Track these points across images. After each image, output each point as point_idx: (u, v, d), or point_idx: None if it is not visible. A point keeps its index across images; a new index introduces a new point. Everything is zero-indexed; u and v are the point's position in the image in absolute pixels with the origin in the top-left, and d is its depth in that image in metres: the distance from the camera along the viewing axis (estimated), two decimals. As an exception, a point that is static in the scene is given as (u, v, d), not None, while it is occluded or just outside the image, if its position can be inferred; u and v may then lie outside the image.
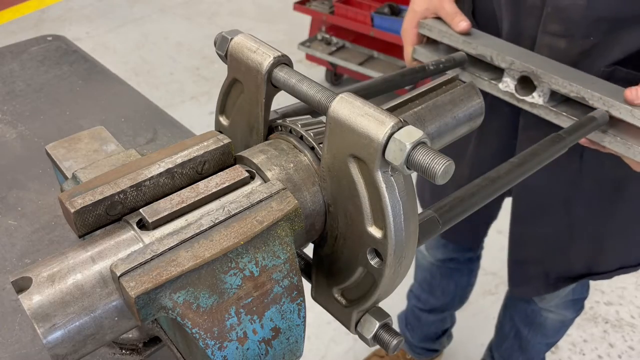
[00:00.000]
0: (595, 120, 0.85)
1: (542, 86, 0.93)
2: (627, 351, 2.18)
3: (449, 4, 1.03)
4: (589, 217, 1.21)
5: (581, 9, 0.93)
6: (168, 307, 0.42)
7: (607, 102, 0.86)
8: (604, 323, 2.28)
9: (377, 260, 0.52)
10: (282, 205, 0.48)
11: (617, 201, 1.16)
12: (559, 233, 1.26)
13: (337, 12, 3.24)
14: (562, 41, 0.98)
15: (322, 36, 3.44)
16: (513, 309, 1.69)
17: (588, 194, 1.17)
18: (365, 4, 3.23)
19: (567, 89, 0.90)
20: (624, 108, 0.85)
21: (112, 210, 0.47)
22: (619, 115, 0.85)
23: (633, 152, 0.87)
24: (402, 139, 0.44)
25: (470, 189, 0.67)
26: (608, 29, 0.94)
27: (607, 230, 1.22)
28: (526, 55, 0.97)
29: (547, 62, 0.96)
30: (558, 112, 0.93)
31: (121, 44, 4.07)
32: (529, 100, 0.95)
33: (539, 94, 0.94)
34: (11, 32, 4.10)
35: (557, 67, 0.94)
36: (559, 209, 1.22)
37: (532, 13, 1.00)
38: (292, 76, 0.56)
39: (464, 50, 1.01)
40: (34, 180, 0.88)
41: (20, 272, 0.43)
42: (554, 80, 0.91)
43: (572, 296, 1.50)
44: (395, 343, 0.54)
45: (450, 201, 0.65)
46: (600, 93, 0.87)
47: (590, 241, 1.25)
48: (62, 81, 1.12)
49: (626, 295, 2.39)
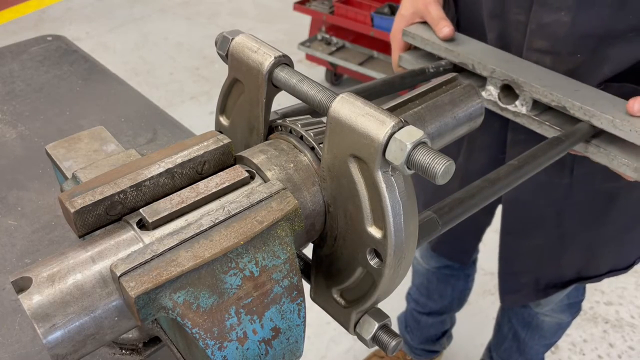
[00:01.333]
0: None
1: (524, 95, 0.90)
2: (627, 351, 2.18)
3: (435, 9, 1.01)
4: (580, 228, 1.20)
5: (565, 26, 0.90)
6: (168, 307, 0.42)
7: (587, 112, 0.83)
8: (604, 323, 2.28)
9: (377, 261, 0.52)
10: (282, 205, 0.48)
11: (609, 211, 1.15)
12: (550, 244, 1.25)
13: (337, 12, 3.24)
14: (548, 58, 0.95)
15: (322, 36, 3.44)
16: (510, 311, 1.69)
17: (580, 207, 1.16)
18: (365, 4, 3.23)
19: (548, 98, 0.87)
20: (605, 118, 0.81)
21: (112, 210, 0.47)
22: (600, 125, 0.82)
23: (617, 164, 0.84)
24: (403, 139, 0.44)
25: (470, 191, 0.67)
26: (595, 46, 0.91)
27: (599, 238, 1.21)
28: (510, 62, 0.95)
29: (532, 69, 0.93)
30: (541, 122, 0.90)
31: (121, 44, 4.07)
32: (512, 109, 0.93)
33: (522, 103, 0.91)
34: (11, 32, 4.10)
35: (542, 75, 0.91)
36: (551, 222, 1.21)
37: (517, 28, 0.98)
38: (293, 76, 0.56)
39: (447, 57, 0.99)
40: (34, 180, 0.88)
41: (20, 272, 0.43)
42: (534, 89, 0.88)
43: (567, 300, 1.50)
44: (394, 344, 0.54)
45: (450, 202, 0.65)
46: (581, 102, 0.84)
47: (581, 249, 1.24)
48: (62, 81, 1.12)
49: (626, 295, 2.39)
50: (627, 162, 0.82)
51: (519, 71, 0.91)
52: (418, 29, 1.03)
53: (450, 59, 0.98)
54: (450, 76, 0.77)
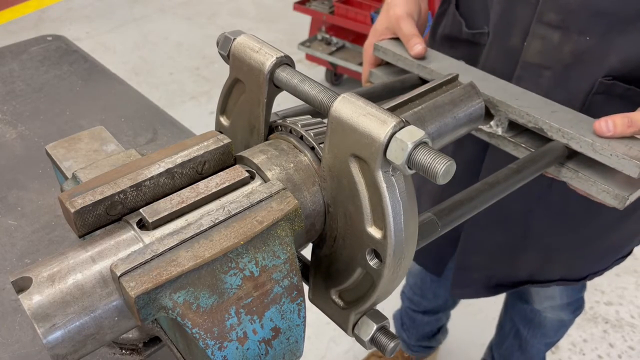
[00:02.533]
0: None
1: (500, 115, 0.85)
2: (627, 351, 2.18)
3: (407, 25, 0.97)
4: (547, 230, 1.17)
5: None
6: (168, 307, 0.42)
7: (566, 134, 0.79)
8: (604, 323, 2.28)
9: (376, 261, 0.52)
10: (282, 205, 0.48)
11: (580, 219, 1.12)
12: (512, 242, 1.23)
13: (337, 12, 3.24)
14: (556, 34, 0.92)
15: (322, 36, 3.44)
16: (512, 309, 1.68)
17: (553, 209, 1.13)
18: (365, 4, 3.23)
19: (525, 119, 0.82)
20: (584, 141, 0.77)
21: (112, 210, 0.47)
22: (579, 149, 0.78)
23: (597, 190, 0.79)
24: (404, 139, 0.44)
25: (469, 193, 0.67)
26: (606, 27, 0.90)
27: (561, 244, 1.19)
28: (485, 81, 0.89)
29: (508, 88, 0.88)
30: (517, 144, 0.85)
31: (121, 44, 4.07)
32: (487, 129, 0.87)
33: (497, 123, 0.86)
34: (11, 32, 4.10)
35: (518, 95, 0.86)
36: (518, 220, 1.19)
37: (528, 1, 0.95)
38: (294, 76, 0.56)
39: (419, 74, 0.94)
40: (34, 180, 0.88)
41: (20, 272, 0.43)
42: (510, 109, 0.83)
43: (566, 299, 1.50)
44: (393, 346, 0.54)
45: (450, 205, 0.65)
46: (559, 124, 0.79)
47: (540, 252, 1.23)
48: (62, 81, 1.12)
49: (626, 295, 2.39)
50: (607, 188, 0.77)
51: (495, 90, 0.86)
52: (389, 44, 0.99)
53: (423, 76, 0.94)
54: (450, 76, 0.77)
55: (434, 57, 0.96)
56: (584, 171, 0.80)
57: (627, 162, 0.73)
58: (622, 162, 0.74)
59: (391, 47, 0.99)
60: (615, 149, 0.75)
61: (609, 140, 0.76)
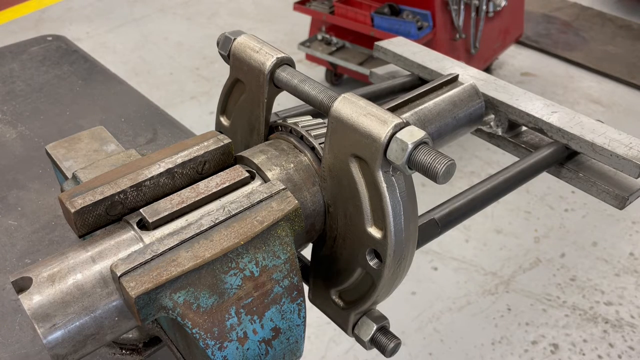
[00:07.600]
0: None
1: (500, 115, 0.85)
2: (627, 351, 2.18)
3: None
4: None
5: None
6: (168, 307, 0.42)
7: (566, 135, 0.79)
8: (604, 323, 2.28)
9: (376, 262, 0.52)
10: (282, 206, 0.48)
11: None
12: None
13: (337, 12, 3.24)
14: None
15: (322, 36, 3.44)
16: None
17: None
18: (365, 4, 3.23)
19: (525, 119, 0.82)
20: (585, 141, 0.76)
21: (112, 210, 0.47)
22: (579, 149, 0.78)
23: (597, 191, 0.78)
24: (404, 139, 0.44)
25: (469, 194, 0.67)
26: None
27: None
28: (486, 81, 0.88)
29: (509, 88, 0.87)
30: (517, 144, 0.85)
31: (121, 44, 4.07)
32: (487, 130, 0.87)
33: (497, 124, 0.86)
34: (11, 32, 4.10)
35: (519, 95, 0.86)
36: None
37: None
38: (295, 76, 0.56)
39: (419, 74, 0.94)
40: (34, 180, 0.88)
41: (20, 272, 0.43)
42: (511, 109, 0.83)
43: None
44: (393, 346, 0.54)
45: (449, 206, 0.65)
46: (560, 124, 0.79)
47: None
48: (62, 81, 1.12)
49: (626, 295, 2.39)
50: (607, 188, 0.77)
51: (495, 90, 0.86)
52: (390, 44, 0.99)
53: (423, 77, 0.93)
54: (450, 76, 0.77)
55: (434, 57, 0.96)
56: (584, 171, 0.79)
57: (627, 163, 0.73)
58: (622, 163, 0.74)
59: (391, 47, 0.99)
60: (615, 149, 0.75)
61: (609, 140, 0.76)
